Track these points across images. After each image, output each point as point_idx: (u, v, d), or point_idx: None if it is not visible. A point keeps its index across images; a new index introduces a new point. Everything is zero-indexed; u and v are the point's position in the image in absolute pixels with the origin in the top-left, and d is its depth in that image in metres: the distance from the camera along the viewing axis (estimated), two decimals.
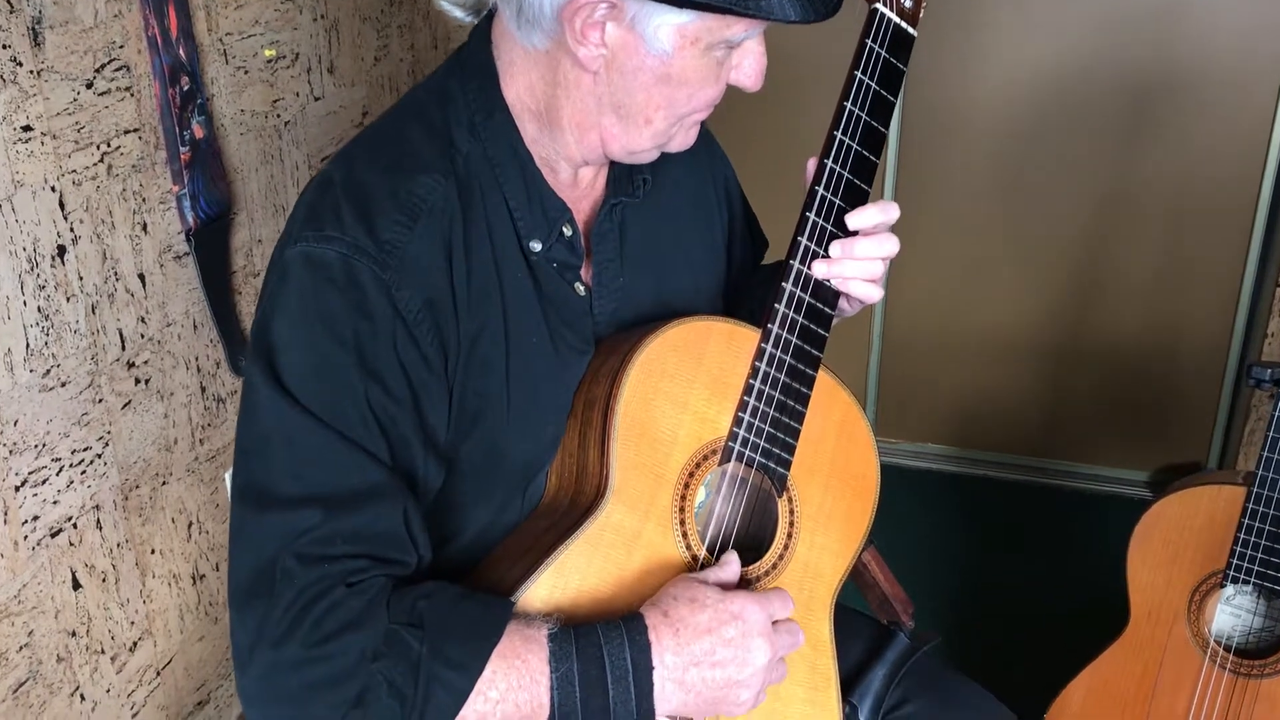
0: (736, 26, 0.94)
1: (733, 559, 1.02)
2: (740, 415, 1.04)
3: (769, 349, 1.04)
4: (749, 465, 1.05)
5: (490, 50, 1.02)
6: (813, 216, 1.04)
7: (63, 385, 1.40)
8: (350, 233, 0.93)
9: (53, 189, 1.36)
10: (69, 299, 1.40)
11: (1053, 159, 2.58)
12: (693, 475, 1.03)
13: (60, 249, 1.38)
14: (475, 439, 1.01)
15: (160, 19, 1.49)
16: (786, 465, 1.07)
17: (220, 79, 1.65)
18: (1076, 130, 2.55)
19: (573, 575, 0.96)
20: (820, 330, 1.06)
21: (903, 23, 1.04)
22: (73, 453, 1.42)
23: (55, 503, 1.40)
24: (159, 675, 1.64)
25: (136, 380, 1.53)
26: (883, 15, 1.03)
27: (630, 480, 0.99)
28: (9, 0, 1.26)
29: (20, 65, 1.29)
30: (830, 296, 1.07)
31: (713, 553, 1.04)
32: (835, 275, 1.05)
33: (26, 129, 1.31)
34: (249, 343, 0.98)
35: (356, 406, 0.91)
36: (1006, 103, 2.57)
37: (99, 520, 1.48)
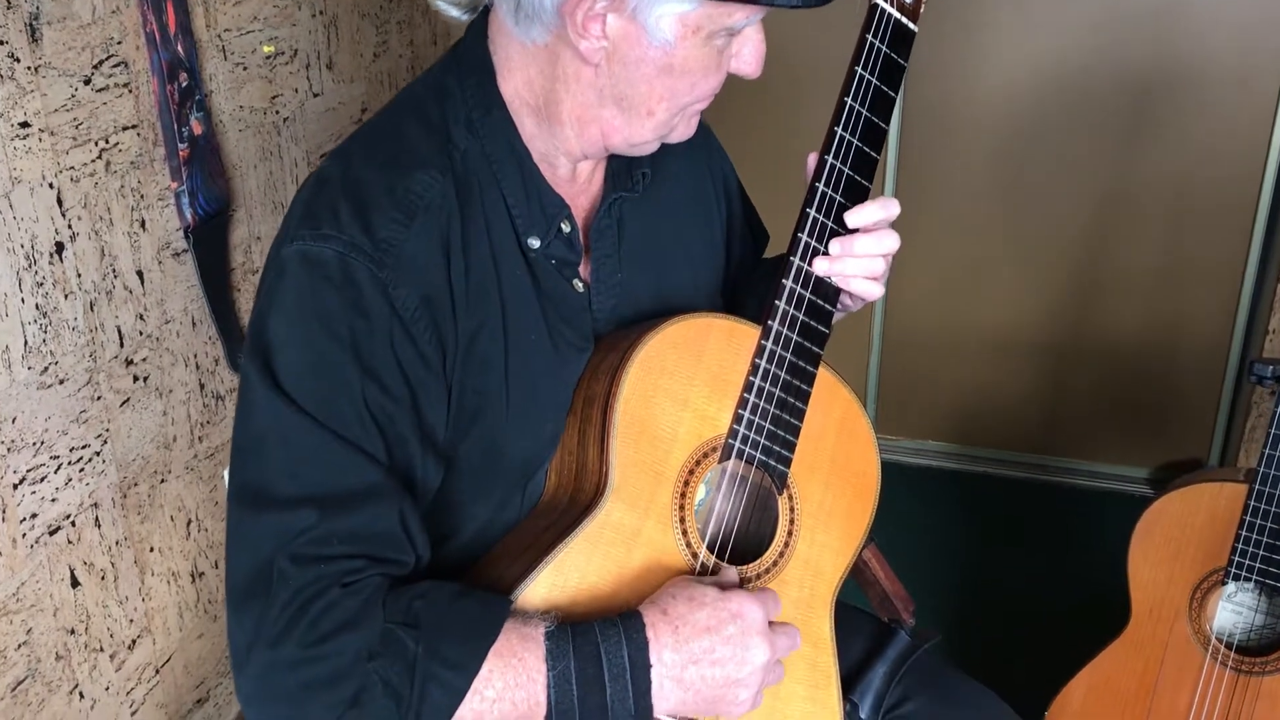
0: (738, 14, 0.93)
1: (730, 572, 1.02)
2: (740, 412, 1.04)
3: (769, 346, 1.04)
4: (749, 463, 1.05)
5: (487, 46, 1.01)
6: (813, 213, 1.04)
7: (61, 383, 1.39)
8: (347, 231, 0.92)
9: (50, 185, 1.35)
10: (67, 296, 1.39)
11: (1053, 156, 2.58)
12: (693, 473, 1.03)
13: (58, 246, 1.37)
14: (474, 437, 1.00)
15: (158, 15, 1.49)
16: (787, 463, 1.06)
17: (219, 75, 1.64)
18: (1077, 127, 2.54)
19: (572, 573, 0.96)
20: (821, 327, 1.06)
21: (903, 18, 1.04)
22: (71, 450, 1.42)
23: (54, 500, 1.40)
24: (158, 673, 1.64)
25: (135, 378, 1.52)
26: (883, 10, 1.02)
27: (630, 478, 0.99)
28: None
29: (18, 61, 1.29)
30: (831, 293, 1.06)
31: (713, 550, 1.04)
32: (836, 273, 1.05)
33: (24, 125, 1.30)
34: (245, 341, 0.97)
35: (353, 405, 0.91)
36: (1007, 100, 2.57)
37: (97, 518, 1.48)
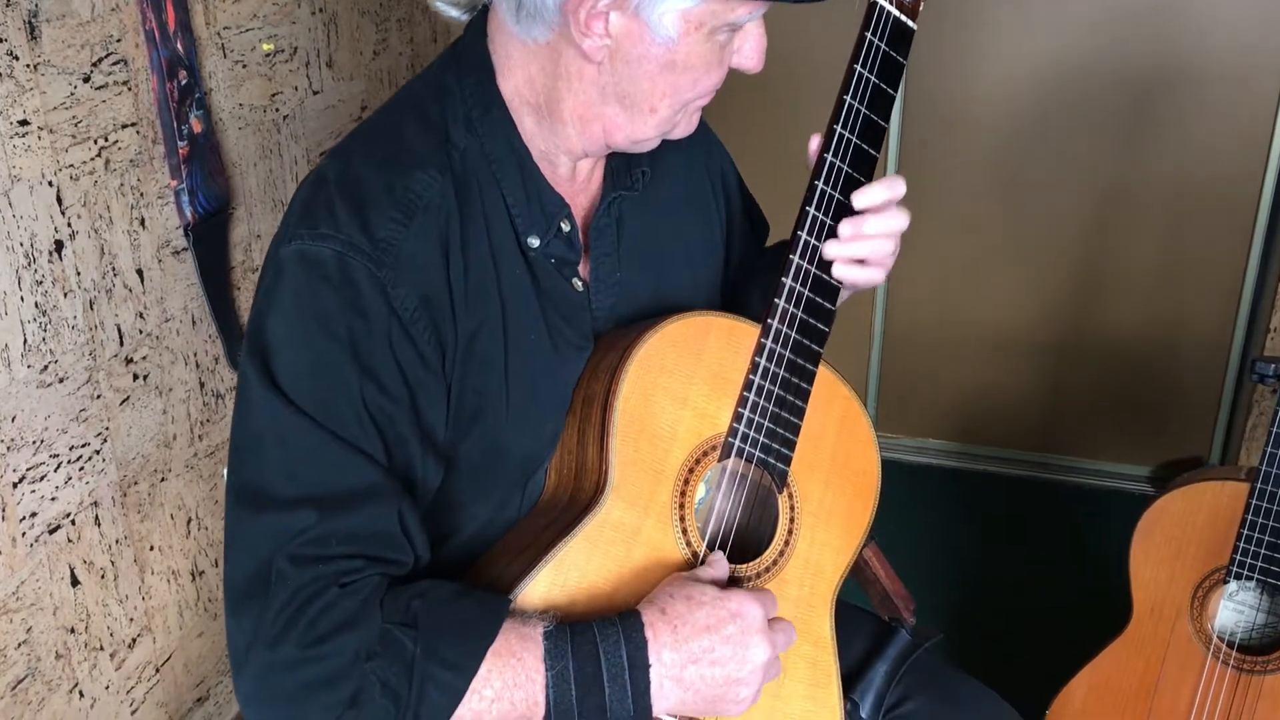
0: (740, 9, 0.93)
1: (719, 558, 1.02)
2: (740, 411, 1.03)
3: (769, 344, 1.03)
4: (749, 461, 1.05)
5: (486, 45, 1.01)
6: (813, 211, 1.04)
7: (60, 381, 1.39)
8: (345, 230, 0.92)
9: (50, 184, 1.35)
10: (66, 294, 1.39)
11: (1053, 155, 2.58)
12: (692, 471, 1.02)
13: (58, 244, 1.37)
14: (474, 436, 1.00)
15: (158, 13, 1.49)
16: (787, 461, 1.06)
17: (218, 73, 1.64)
18: (1077, 126, 2.54)
19: (572, 572, 0.96)
20: (821, 325, 1.06)
21: (903, 16, 1.04)
22: (71, 449, 1.42)
23: (54, 499, 1.40)
24: (158, 672, 1.64)
25: (135, 376, 1.52)
26: (883, 8, 1.02)
27: (629, 476, 0.99)
28: None
29: (17, 59, 1.29)
30: (831, 291, 1.06)
31: (713, 549, 1.04)
32: (846, 255, 1.04)
33: (23, 123, 1.30)
34: (244, 340, 0.97)
35: (351, 405, 0.90)
36: (1007, 98, 2.56)
37: (97, 516, 1.48)
